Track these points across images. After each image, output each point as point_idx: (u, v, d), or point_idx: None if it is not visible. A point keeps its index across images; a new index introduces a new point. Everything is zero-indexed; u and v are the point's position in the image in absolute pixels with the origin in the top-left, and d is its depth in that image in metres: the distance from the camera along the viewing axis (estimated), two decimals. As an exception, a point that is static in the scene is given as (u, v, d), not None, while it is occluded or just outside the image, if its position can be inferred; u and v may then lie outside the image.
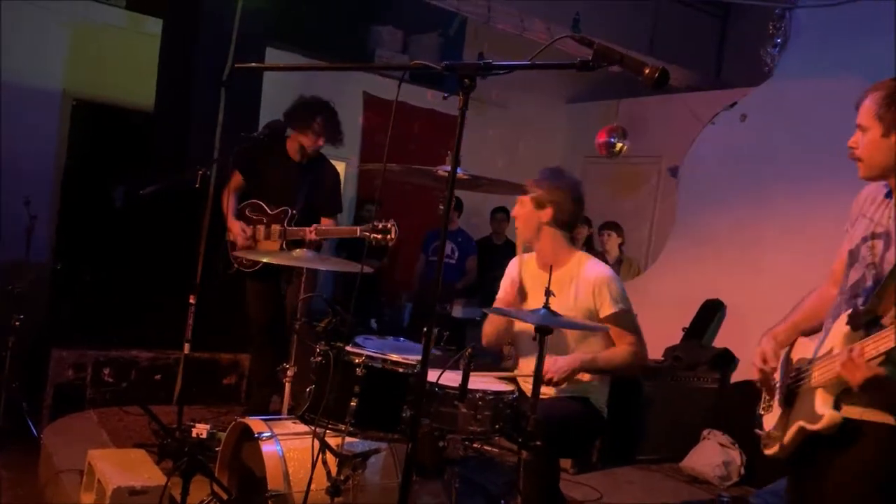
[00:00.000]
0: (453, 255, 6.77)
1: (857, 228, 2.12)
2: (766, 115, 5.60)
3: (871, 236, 2.04)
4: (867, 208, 2.12)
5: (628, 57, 1.81)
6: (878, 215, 2.07)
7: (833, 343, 1.98)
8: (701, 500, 4.31)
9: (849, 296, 2.06)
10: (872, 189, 2.17)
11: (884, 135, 1.98)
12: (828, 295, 2.24)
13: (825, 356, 1.99)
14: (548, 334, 2.45)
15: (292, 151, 4.07)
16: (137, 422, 4.11)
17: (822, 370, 1.98)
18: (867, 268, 2.01)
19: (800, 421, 2.03)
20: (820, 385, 1.98)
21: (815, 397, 1.99)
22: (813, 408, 1.98)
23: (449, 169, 1.93)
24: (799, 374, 2.12)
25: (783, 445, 2.10)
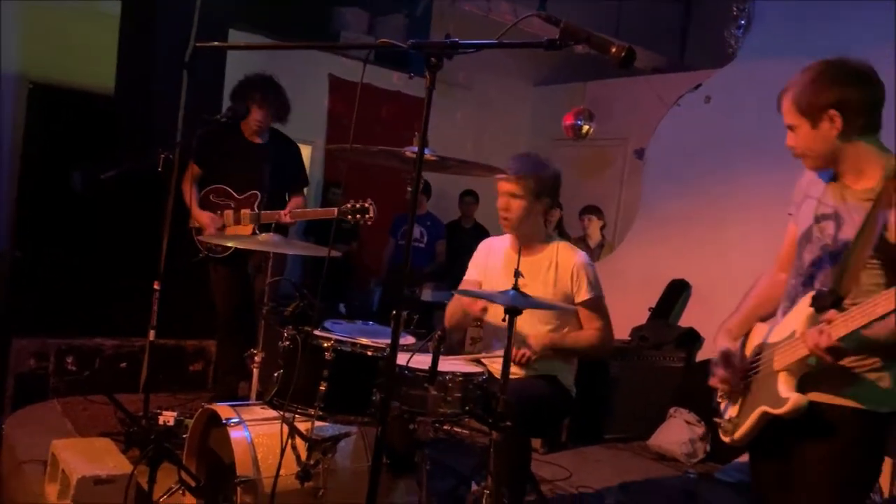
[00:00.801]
0: (422, 239, 6.75)
1: (805, 211, 2.11)
2: (730, 97, 5.66)
3: (820, 217, 2.04)
4: (812, 190, 2.12)
5: (595, 36, 1.80)
6: (824, 196, 2.07)
7: (795, 325, 1.96)
8: (668, 477, 4.38)
9: (805, 277, 2.05)
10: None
11: (813, 126, 1.98)
12: (777, 280, 2.23)
13: (787, 339, 1.98)
14: (517, 315, 2.45)
15: (249, 133, 4.01)
16: (103, 411, 4.04)
17: (784, 353, 1.97)
18: (822, 249, 2.01)
19: (762, 406, 2.01)
20: (783, 368, 1.96)
21: (777, 381, 1.97)
22: (776, 392, 1.96)
23: (416, 150, 1.91)
24: (757, 359, 2.11)
25: (744, 432, 2.09)
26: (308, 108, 7.14)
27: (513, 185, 2.93)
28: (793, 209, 2.20)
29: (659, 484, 4.25)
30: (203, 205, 3.99)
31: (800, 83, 2.01)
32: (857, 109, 1.95)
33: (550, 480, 3.95)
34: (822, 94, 1.96)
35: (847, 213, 1.97)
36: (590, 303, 2.91)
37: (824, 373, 1.92)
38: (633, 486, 4.13)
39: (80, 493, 2.67)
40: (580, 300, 2.90)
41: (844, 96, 1.95)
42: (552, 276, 2.92)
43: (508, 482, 2.55)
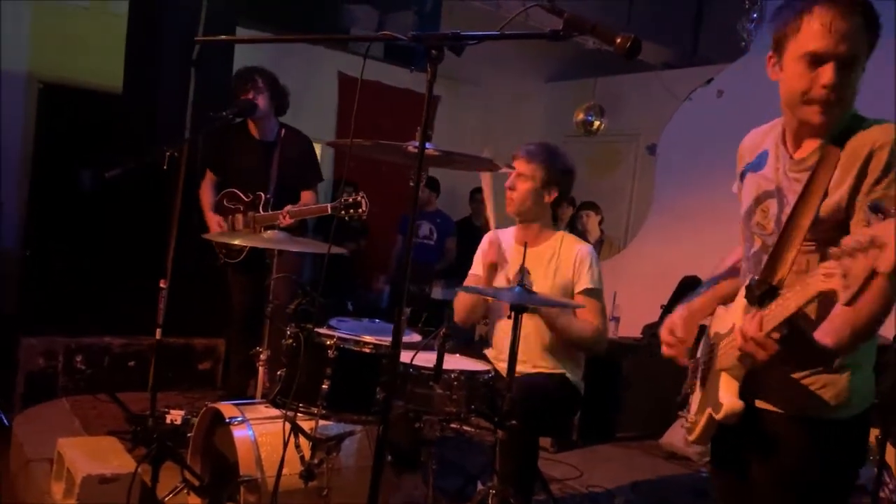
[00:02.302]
0: (432, 236, 6.72)
1: (745, 192, 1.83)
2: (742, 91, 5.57)
3: (763, 196, 1.75)
4: (754, 161, 1.83)
5: (599, 26, 1.75)
6: (767, 169, 1.76)
7: (734, 318, 1.68)
8: (679, 476, 4.33)
9: (752, 264, 1.79)
10: (752, 138, 1.90)
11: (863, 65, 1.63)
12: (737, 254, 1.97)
13: (727, 334, 1.71)
14: (523, 312, 2.42)
15: (255, 131, 3.98)
16: (111, 409, 4.02)
17: (724, 350, 1.71)
18: (769, 235, 1.72)
19: (708, 408, 1.73)
20: (723, 368, 1.69)
21: (719, 382, 1.70)
22: (715, 393, 1.70)
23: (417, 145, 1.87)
24: (711, 350, 1.84)
25: (698, 434, 1.81)
26: (318, 106, 7.14)
27: (522, 166, 2.91)
28: (737, 184, 1.93)
29: (670, 483, 4.19)
30: (218, 210, 3.98)
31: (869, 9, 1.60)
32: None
33: (561, 479, 3.91)
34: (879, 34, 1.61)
35: (789, 187, 1.69)
36: (588, 293, 2.83)
37: (768, 375, 1.66)
38: (644, 485, 4.08)
39: (84, 491, 2.66)
40: (580, 289, 2.84)
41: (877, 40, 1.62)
42: (553, 267, 2.88)
43: (515, 481, 2.52)
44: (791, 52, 1.63)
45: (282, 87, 3.98)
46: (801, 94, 1.62)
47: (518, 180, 2.91)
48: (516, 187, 2.91)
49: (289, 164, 3.93)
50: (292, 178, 3.96)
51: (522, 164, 2.92)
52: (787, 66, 1.65)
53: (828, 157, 1.60)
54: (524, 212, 2.93)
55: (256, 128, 3.97)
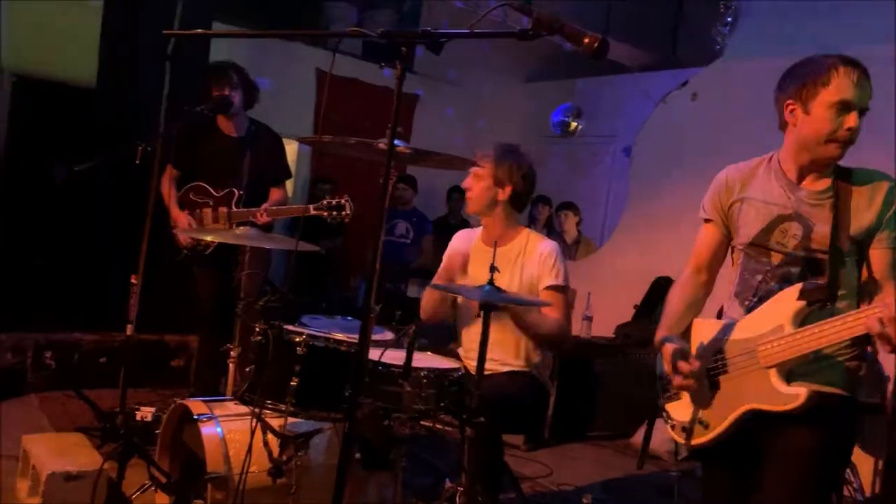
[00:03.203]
0: (408, 235, 6.72)
1: (747, 216, 2.11)
2: (716, 94, 5.65)
3: (777, 220, 2.04)
4: (751, 192, 2.11)
5: (568, 26, 1.77)
6: (774, 197, 2.07)
7: (779, 320, 1.94)
8: (650, 475, 4.37)
9: (778, 276, 2.04)
10: (741, 172, 2.17)
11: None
12: (698, 281, 2.28)
13: (772, 335, 1.94)
14: (492, 311, 2.43)
15: (226, 128, 3.95)
16: (80, 406, 3.96)
17: (779, 348, 1.92)
18: (794, 250, 2.01)
19: (749, 404, 1.97)
20: (776, 364, 1.93)
21: (768, 378, 1.94)
22: (770, 389, 1.93)
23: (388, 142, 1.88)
24: (719, 358, 2.07)
25: (721, 431, 2.04)
26: (295, 102, 7.10)
27: (479, 169, 2.96)
28: (712, 213, 2.22)
29: (640, 481, 4.23)
30: (183, 203, 3.94)
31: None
32: None
33: (531, 478, 3.93)
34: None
35: (810, 213, 2.01)
36: (554, 289, 2.85)
37: (808, 364, 1.93)
38: (615, 484, 4.12)
39: (49, 488, 2.64)
40: (545, 285, 2.85)
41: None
42: (519, 265, 2.90)
43: (483, 478, 2.52)
44: (820, 101, 1.96)
45: (253, 83, 3.97)
46: (826, 135, 1.96)
47: (473, 180, 2.97)
48: (472, 187, 2.97)
49: (259, 161, 3.91)
50: (262, 174, 3.94)
51: (477, 167, 2.98)
52: (815, 112, 1.97)
53: (844, 187, 1.98)
54: (481, 210, 2.98)
55: (227, 122, 3.94)
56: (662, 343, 2.16)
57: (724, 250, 2.25)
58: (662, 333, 2.20)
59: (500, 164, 2.94)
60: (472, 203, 3.00)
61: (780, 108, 2.08)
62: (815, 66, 1.99)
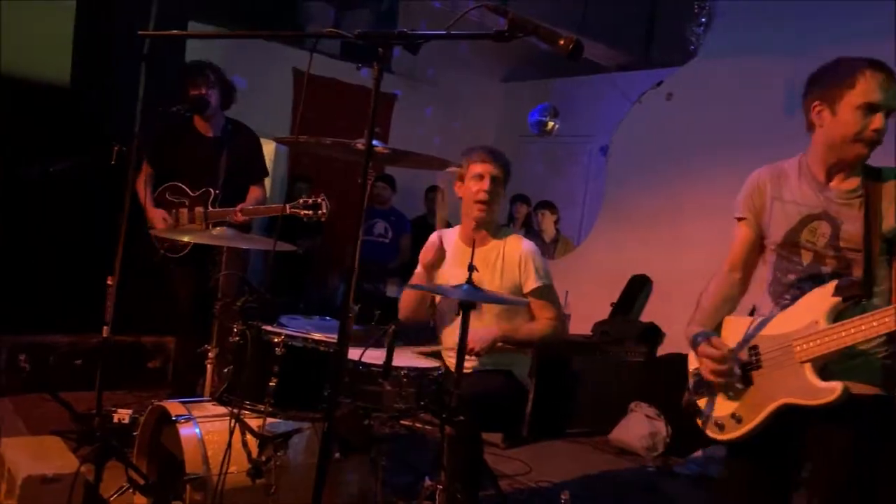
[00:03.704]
0: (387, 235, 6.72)
1: (778, 216, 2.15)
2: (690, 94, 5.71)
3: (807, 219, 2.09)
4: (784, 193, 2.16)
5: (543, 28, 1.79)
6: (804, 197, 2.11)
7: (814, 316, 1.99)
8: (627, 470, 4.42)
9: (807, 275, 2.09)
10: (772, 172, 2.22)
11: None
12: (732, 279, 2.30)
13: (807, 330, 1.99)
14: (471, 309, 2.44)
15: (203, 128, 3.93)
16: (56, 409, 3.87)
17: (814, 344, 1.97)
18: (824, 248, 2.05)
19: (784, 398, 2.01)
20: (811, 358, 1.97)
21: (803, 373, 1.98)
22: (805, 383, 1.97)
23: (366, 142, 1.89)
24: (754, 353, 2.11)
25: (755, 426, 2.07)
26: (273, 102, 7.07)
27: (498, 170, 2.93)
28: (746, 213, 2.25)
29: (618, 477, 4.27)
30: (159, 202, 3.91)
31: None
32: None
33: (510, 475, 3.95)
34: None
35: (839, 212, 2.06)
36: (539, 291, 2.88)
37: (844, 362, 1.97)
38: (592, 480, 4.15)
39: (25, 492, 2.61)
40: (529, 289, 2.88)
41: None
42: (500, 267, 2.91)
43: (462, 476, 2.54)
44: (847, 103, 2.01)
45: (230, 83, 3.95)
46: (853, 135, 2.02)
47: (493, 184, 2.91)
48: (493, 190, 2.91)
49: (237, 160, 3.90)
50: (240, 173, 3.93)
51: (494, 167, 2.92)
52: (841, 113, 2.03)
53: (873, 186, 2.04)
54: (493, 214, 2.95)
55: (203, 122, 3.93)
56: (694, 338, 2.18)
57: (757, 249, 2.28)
58: (694, 329, 2.22)
59: (506, 168, 2.95)
60: (491, 207, 2.92)
61: (807, 110, 2.12)
62: (842, 69, 2.05)
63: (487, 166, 2.92)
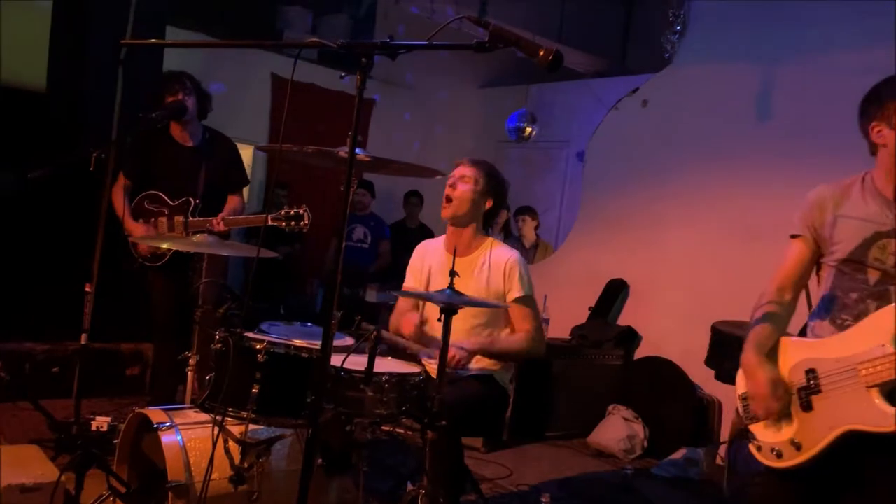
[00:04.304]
0: (366, 240, 6.73)
1: (844, 232, 2.09)
2: (665, 101, 5.79)
3: (875, 237, 2.03)
4: (845, 209, 2.10)
5: (524, 39, 1.83)
6: (872, 214, 2.05)
7: (882, 339, 1.90)
8: (605, 473, 4.47)
9: (872, 297, 2.03)
10: (834, 189, 2.16)
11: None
12: (781, 300, 2.20)
13: (873, 353, 1.91)
14: (453, 314, 2.47)
15: (181, 137, 3.91)
16: (33, 417, 3.91)
17: (881, 367, 1.89)
18: (893, 267, 2.00)
19: (849, 424, 1.93)
20: (879, 383, 1.89)
21: (870, 397, 1.90)
22: (873, 409, 1.89)
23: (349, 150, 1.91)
24: (813, 378, 2.04)
25: (817, 452, 1.99)
26: (251, 107, 7.07)
27: (467, 169, 2.97)
28: (804, 230, 2.18)
29: (597, 479, 4.32)
30: (137, 212, 3.88)
31: None
32: None
33: (491, 479, 3.99)
34: None
35: None
36: (521, 301, 2.90)
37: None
38: (572, 482, 4.20)
39: (6, 501, 2.59)
40: (512, 298, 2.89)
41: None
42: (485, 276, 2.93)
43: (444, 481, 2.56)
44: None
45: (205, 92, 3.94)
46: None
47: (460, 181, 2.95)
48: (457, 187, 2.94)
49: (216, 168, 3.89)
50: (219, 181, 3.92)
51: (465, 168, 2.97)
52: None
53: None
54: (461, 215, 2.96)
55: (181, 131, 3.91)
56: (754, 366, 2.11)
57: (811, 268, 2.21)
58: (751, 355, 2.13)
59: (491, 175, 2.98)
60: (454, 205, 2.94)
61: (867, 133, 2.09)
62: (892, 85, 2.04)
63: (458, 168, 2.98)
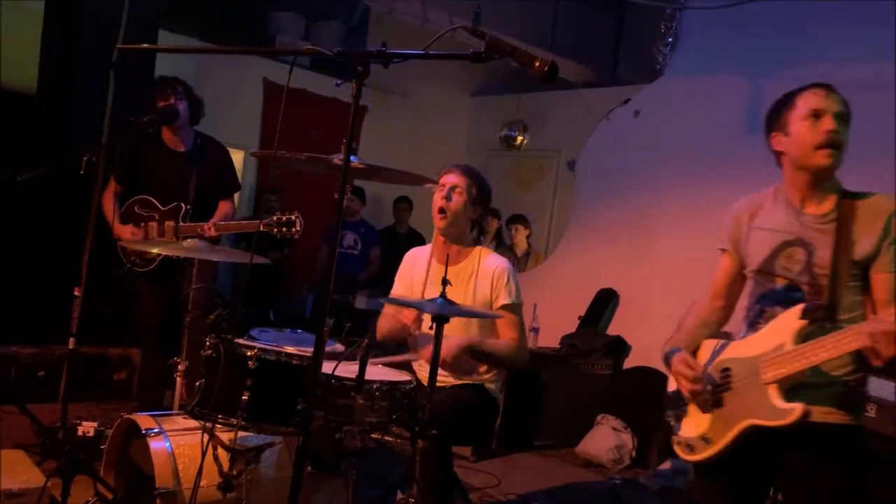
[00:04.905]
0: (356, 246, 6.71)
1: (756, 244, 2.18)
2: (657, 112, 5.82)
3: (782, 246, 2.11)
4: (761, 221, 2.19)
5: (519, 50, 1.83)
6: (780, 223, 2.13)
7: (780, 339, 2.00)
8: (593, 483, 4.47)
9: (782, 303, 2.09)
10: (749, 203, 2.26)
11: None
12: (714, 307, 2.32)
13: (773, 352, 2.00)
14: (444, 323, 2.46)
15: (172, 142, 3.90)
16: (18, 422, 3.85)
17: (777, 365, 1.98)
18: (798, 275, 2.07)
19: (749, 419, 2.01)
20: (775, 381, 1.98)
21: (767, 394, 1.98)
22: (767, 404, 1.98)
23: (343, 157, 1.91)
24: (725, 375, 2.12)
25: (723, 447, 2.08)
26: (242, 112, 7.05)
27: (459, 178, 2.96)
28: (727, 244, 2.28)
29: (585, 489, 4.32)
30: (127, 216, 3.86)
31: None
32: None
33: (479, 488, 3.98)
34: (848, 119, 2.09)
35: (813, 237, 2.07)
36: (508, 308, 2.89)
37: (810, 387, 1.98)
38: (560, 492, 4.19)
39: (-11, 507, 2.57)
40: (499, 305, 2.89)
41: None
42: (473, 285, 2.93)
43: (434, 490, 2.56)
44: (794, 118, 2.09)
45: (198, 97, 3.93)
46: (810, 144, 2.06)
47: (454, 192, 2.94)
48: (452, 198, 2.94)
49: (207, 174, 3.87)
50: (211, 187, 3.90)
51: (458, 177, 2.96)
52: (793, 130, 2.09)
53: (847, 211, 2.04)
54: (454, 226, 2.96)
55: (173, 136, 3.90)
56: (668, 354, 2.21)
57: (740, 279, 2.29)
58: (669, 347, 2.24)
59: (480, 185, 2.98)
60: (449, 217, 2.93)
61: (770, 145, 2.18)
62: (785, 97, 2.14)
63: (450, 177, 2.97)
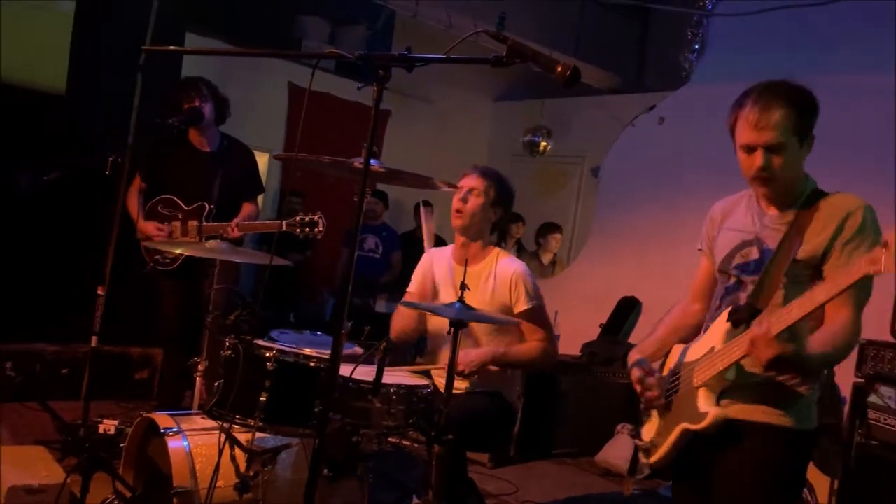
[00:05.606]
0: (378, 250, 6.73)
1: (721, 244, 2.16)
2: (682, 119, 5.78)
3: (741, 245, 2.08)
4: (730, 222, 2.17)
5: (541, 54, 1.82)
6: (745, 224, 2.11)
7: (713, 342, 2.00)
8: (611, 493, 4.42)
9: (728, 304, 2.07)
10: (725, 204, 2.25)
11: (800, 147, 1.96)
12: (691, 309, 2.31)
13: (705, 356, 2.01)
14: (462, 328, 2.46)
15: (198, 142, 3.93)
16: (40, 418, 3.90)
17: (704, 368, 1.99)
18: (750, 275, 2.03)
19: (682, 423, 2.00)
20: (702, 384, 1.98)
21: (697, 397, 1.99)
22: (696, 408, 1.98)
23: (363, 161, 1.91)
24: (675, 379, 2.13)
25: (665, 451, 2.07)
26: (267, 115, 7.10)
27: (477, 181, 2.96)
28: (703, 245, 2.29)
29: (604, 499, 4.28)
30: (151, 215, 3.89)
31: (797, 97, 1.94)
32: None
33: (496, 495, 3.96)
34: (814, 113, 1.97)
35: (768, 236, 2.03)
36: (529, 313, 2.88)
37: (741, 389, 1.95)
38: (577, 501, 4.15)
39: (10, 502, 2.59)
40: (519, 310, 2.88)
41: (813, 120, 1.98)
42: (490, 287, 2.92)
43: (449, 495, 2.54)
44: (736, 142, 2.02)
45: (223, 97, 3.96)
46: (747, 174, 2.02)
47: (471, 194, 2.95)
48: (469, 200, 2.94)
49: (232, 175, 3.89)
50: (235, 188, 3.93)
51: (475, 180, 2.97)
52: (738, 153, 2.03)
53: (805, 214, 1.97)
54: (471, 226, 2.95)
55: (199, 136, 3.93)
56: (631, 366, 2.22)
57: (714, 280, 2.25)
58: (635, 355, 2.24)
59: (500, 186, 2.98)
60: (465, 217, 2.94)
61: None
62: (734, 106, 2.02)
63: (468, 179, 2.98)
